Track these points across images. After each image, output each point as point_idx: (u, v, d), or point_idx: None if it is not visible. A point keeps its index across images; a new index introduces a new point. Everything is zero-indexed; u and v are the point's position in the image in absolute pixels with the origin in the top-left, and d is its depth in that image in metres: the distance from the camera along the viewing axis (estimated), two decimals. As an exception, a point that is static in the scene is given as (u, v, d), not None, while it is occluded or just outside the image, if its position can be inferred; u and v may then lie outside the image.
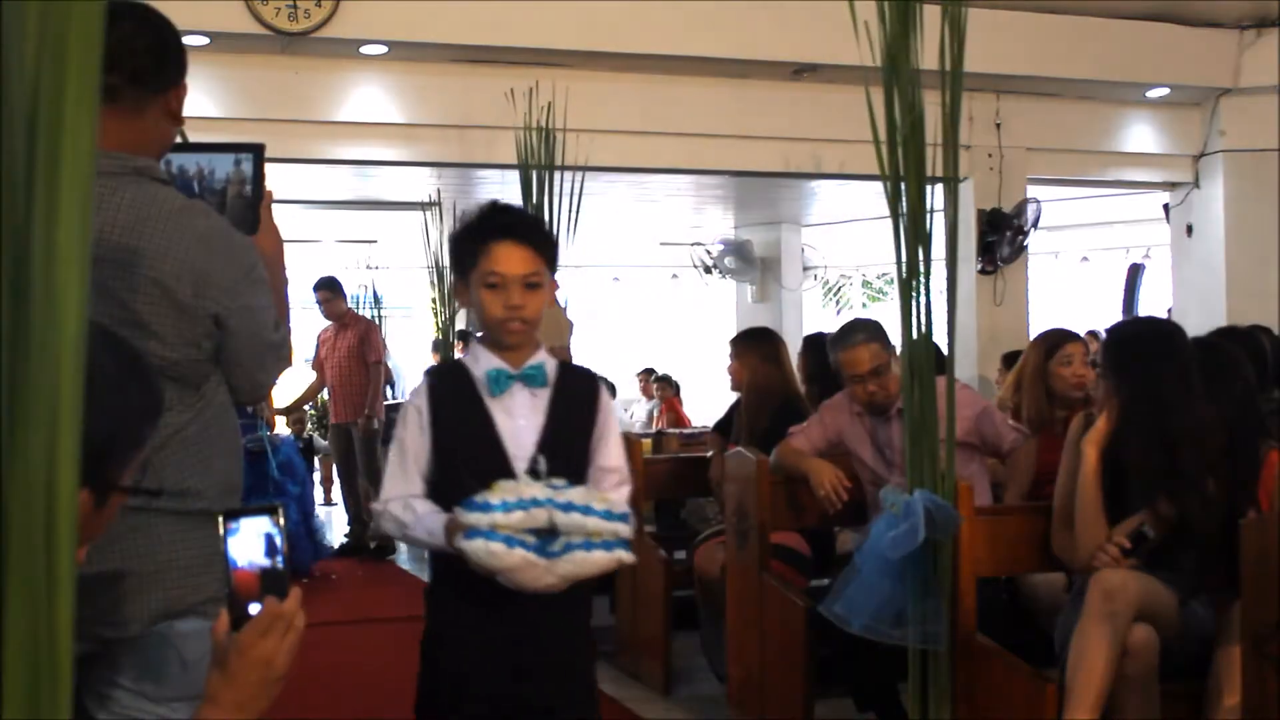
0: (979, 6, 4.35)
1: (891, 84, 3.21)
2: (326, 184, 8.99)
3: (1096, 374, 3.66)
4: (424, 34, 6.76)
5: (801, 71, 7.57)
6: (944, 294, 3.52)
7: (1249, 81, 8.38)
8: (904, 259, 3.25)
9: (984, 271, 8.28)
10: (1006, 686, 3.26)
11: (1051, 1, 7.75)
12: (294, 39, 6.53)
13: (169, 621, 1.96)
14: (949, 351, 3.61)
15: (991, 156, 8.24)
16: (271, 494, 7.07)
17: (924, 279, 3.25)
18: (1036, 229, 8.42)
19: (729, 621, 4.42)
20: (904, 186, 3.24)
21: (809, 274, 12.72)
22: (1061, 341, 4.44)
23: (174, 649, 1.96)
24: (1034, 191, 8.40)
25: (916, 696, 3.32)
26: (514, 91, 6.63)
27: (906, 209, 3.25)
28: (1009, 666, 3.28)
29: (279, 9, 6.41)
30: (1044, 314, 9.64)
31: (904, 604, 3.26)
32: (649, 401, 12.44)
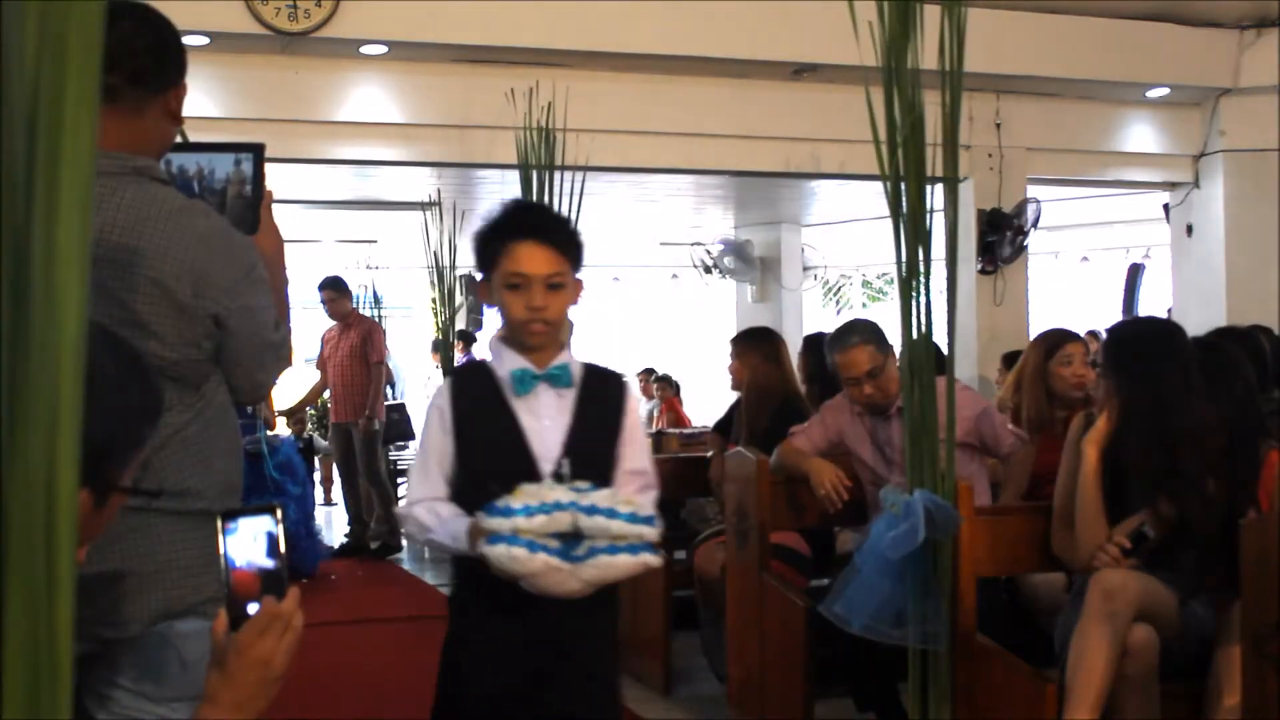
0: (979, 6, 4.35)
1: (891, 84, 3.21)
2: (326, 184, 8.99)
3: (1097, 374, 3.66)
4: (424, 34, 6.76)
5: (801, 71, 7.57)
6: (944, 294, 3.51)
7: (1249, 81, 8.38)
8: (904, 259, 3.25)
9: (984, 271, 8.28)
10: (1006, 686, 3.26)
11: (1051, 1, 7.74)
12: (294, 39, 6.53)
13: (169, 622, 1.96)
14: (949, 351, 3.61)
15: (991, 156, 8.24)
16: (269, 495, 7.06)
17: (924, 279, 3.25)
18: (1036, 229, 8.42)
19: (729, 621, 4.41)
20: (904, 186, 3.24)
21: (809, 274, 12.71)
22: (1061, 341, 4.44)
23: (174, 649, 1.96)
24: (1034, 191, 8.39)
25: (916, 696, 3.32)
26: (514, 91, 6.63)
27: (906, 209, 3.25)
28: (1009, 666, 3.28)
29: (279, 9, 6.40)
30: (1044, 314, 9.64)
31: (904, 604, 3.26)
32: (649, 401, 12.44)
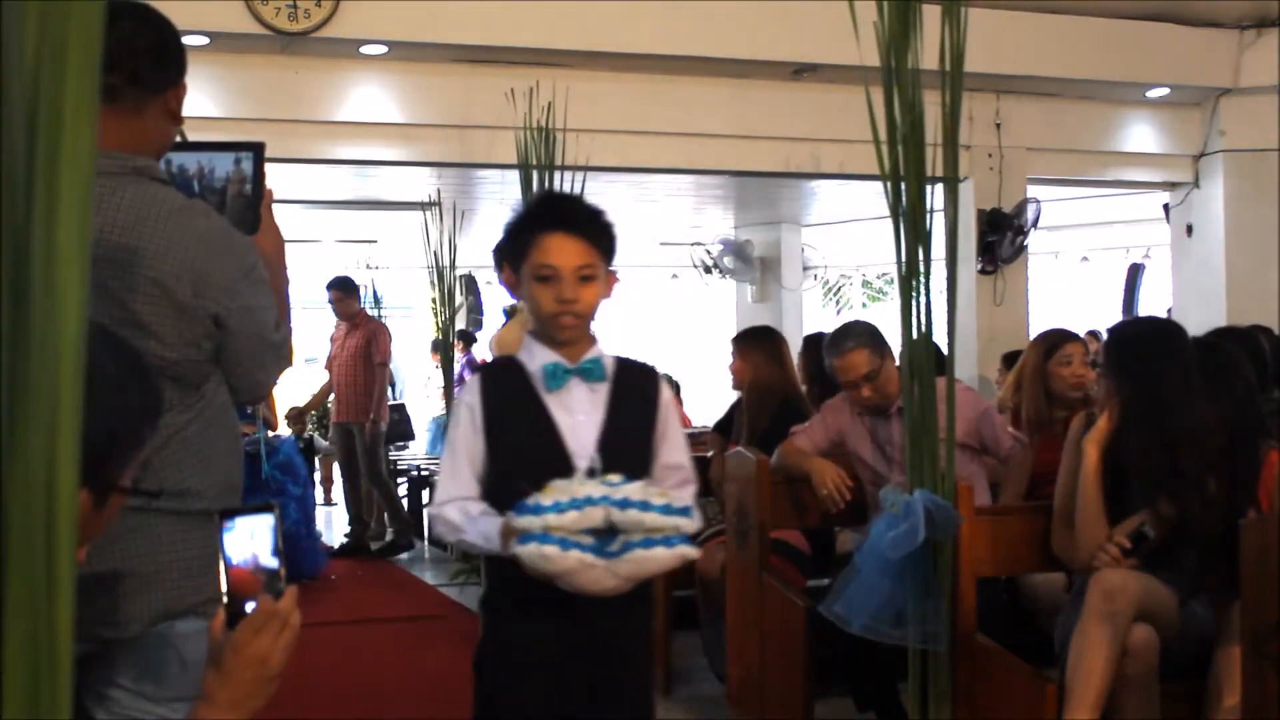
0: (979, 6, 4.35)
1: (891, 84, 3.21)
2: (326, 184, 8.99)
3: (1097, 374, 3.66)
4: (424, 34, 6.76)
5: (801, 71, 7.57)
6: (944, 294, 3.51)
7: (1249, 81, 8.37)
8: (904, 259, 3.25)
9: (984, 271, 8.27)
10: (1006, 686, 3.26)
11: (1051, 1, 7.74)
12: (294, 39, 6.52)
13: (169, 622, 1.96)
14: (949, 351, 3.61)
15: (991, 156, 8.23)
16: (266, 495, 7.05)
17: (924, 279, 3.24)
18: (1036, 229, 8.42)
19: (729, 621, 4.41)
20: (904, 186, 3.24)
21: (809, 274, 12.71)
22: (1060, 342, 4.44)
23: (174, 649, 1.96)
24: (1034, 191, 8.39)
25: (916, 696, 3.32)
26: (514, 91, 6.63)
27: (906, 209, 3.25)
28: (1009, 666, 3.27)
29: (279, 9, 6.40)
30: (1044, 314, 9.64)
31: (904, 604, 3.26)
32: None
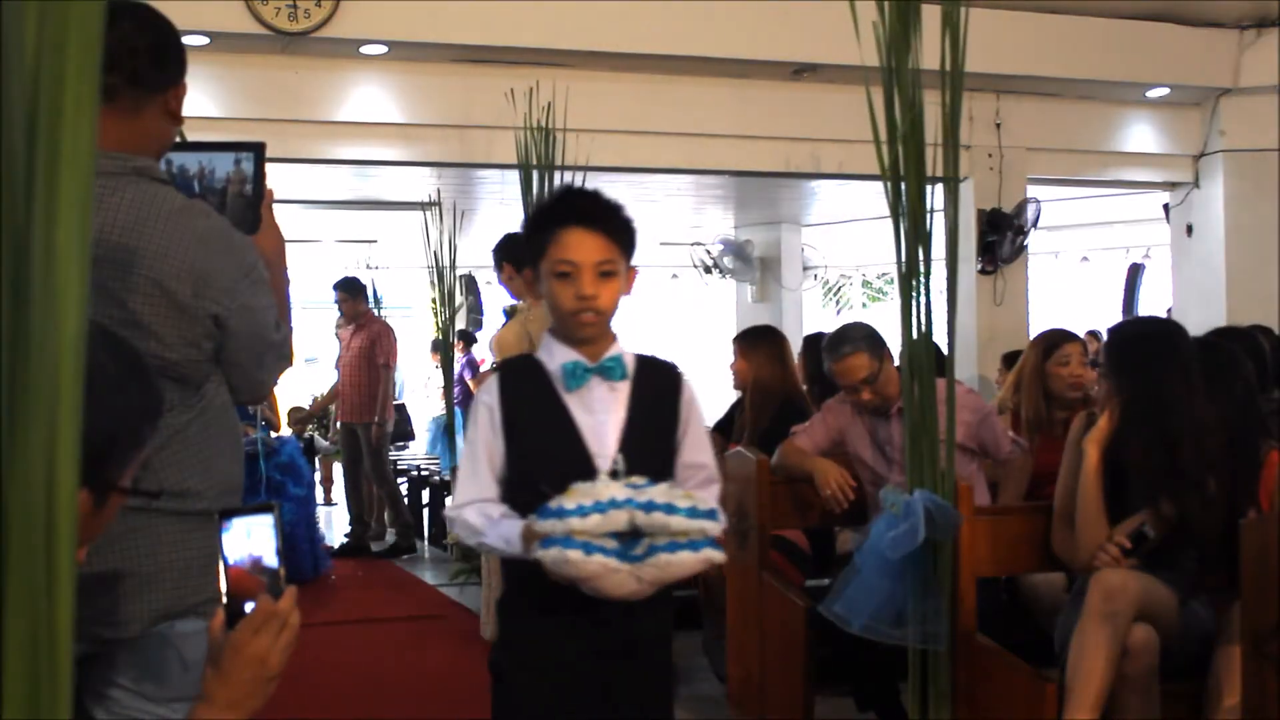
0: (979, 6, 4.34)
1: (891, 84, 3.21)
2: (326, 184, 8.99)
3: (1098, 374, 3.66)
4: (424, 34, 6.76)
5: (801, 71, 7.56)
6: (944, 294, 3.51)
7: (1249, 81, 8.37)
8: (904, 259, 3.25)
9: (984, 271, 8.27)
10: (1006, 686, 3.26)
11: (1051, 1, 7.74)
12: (294, 39, 6.52)
13: (169, 622, 1.96)
14: (949, 351, 3.61)
15: (991, 156, 8.23)
16: (265, 495, 7.04)
17: (924, 279, 3.25)
18: (1036, 229, 8.42)
19: (729, 621, 4.41)
20: (904, 186, 3.24)
21: (809, 274, 12.71)
22: (1059, 342, 4.44)
23: (174, 649, 1.96)
24: (1034, 191, 8.39)
25: (916, 696, 3.32)
26: (514, 91, 6.63)
27: (906, 209, 3.25)
28: (1009, 666, 3.27)
29: (279, 9, 6.40)
30: (1044, 314, 9.64)
31: (904, 604, 3.26)
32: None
